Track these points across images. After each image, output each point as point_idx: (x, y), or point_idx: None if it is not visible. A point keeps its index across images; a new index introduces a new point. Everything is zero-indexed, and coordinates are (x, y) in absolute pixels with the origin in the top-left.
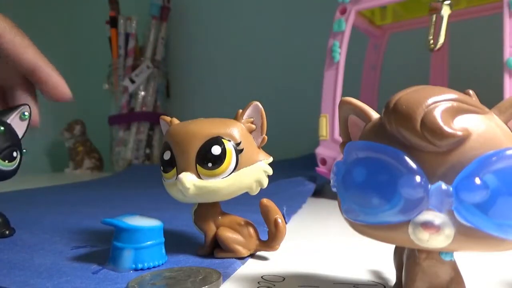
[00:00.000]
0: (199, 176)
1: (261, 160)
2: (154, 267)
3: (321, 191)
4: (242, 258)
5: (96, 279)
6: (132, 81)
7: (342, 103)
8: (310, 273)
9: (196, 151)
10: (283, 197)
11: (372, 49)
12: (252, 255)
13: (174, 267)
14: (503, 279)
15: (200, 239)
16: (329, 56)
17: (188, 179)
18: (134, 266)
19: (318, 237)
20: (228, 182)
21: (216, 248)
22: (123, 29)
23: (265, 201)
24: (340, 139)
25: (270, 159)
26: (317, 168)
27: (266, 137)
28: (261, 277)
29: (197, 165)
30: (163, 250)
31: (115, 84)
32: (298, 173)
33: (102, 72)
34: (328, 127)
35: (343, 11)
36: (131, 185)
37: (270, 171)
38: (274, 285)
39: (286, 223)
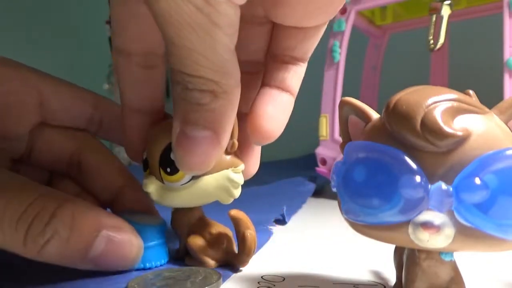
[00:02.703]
0: (162, 181)
1: (227, 168)
2: (156, 266)
3: (321, 191)
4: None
5: (96, 279)
6: None
7: (342, 103)
8: (310, 273)
9: (159, 154)
10: (283, 197)
11: (372, 49)
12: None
13: (173, 267)
14: (503, 279)
15: None
16: (329, 56)
17: (150, 183)
18: (142, 265)
19: (318, 237)
20: (186, 190)
21: (187, 254)
22: None
23: (233, 212)
24: (340, 139)
25: (240, 167)
26: (317, 168)
27: (236, 142)
28: (261, 277)
29: (160, 168)
30: (166, 249)
31: (115, 84)
32: (298, 173)
33: (102, 72)
34: (328, 127)
35: (343, 11)
36: None
37: (239, 180)
38: (274, 285)
39: (286, 223)
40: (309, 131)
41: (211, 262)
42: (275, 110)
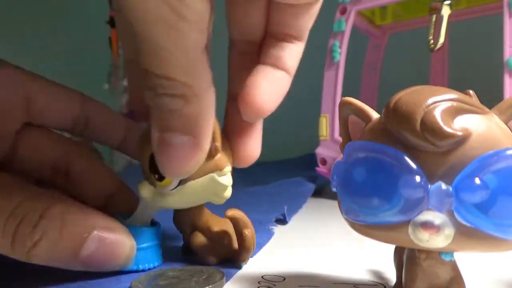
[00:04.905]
0: (155, 185)
1: (213, 172)
2: (149, 269)
3: (321, 191)
4: (211, 265)
5: (99, 278)
6: None
7: (342, 103)
8: (310, 273)
9: (148, 160)
10: (284, 197)
11: (372, 49)
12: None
13: (176, 267)
14: (503, 279)
15: None
16: (329, 56)
17: (143, 188)
18: (135, 267)
19: (318, 237)
20: (175, 195)
21: (191, 251)
22: None
23: (230, 213)
24: (340, 139)
25: (226, 169)
26: (317, 168)
27: (218, 145)
28: (262, 277)
29: (151, 174)
30: (160, 251)
31: (115, 84)
32: (298, 173)
33: (102, 72)
34: (328, 127)
35: (343, 11)
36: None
37: (226, 183)
38: (275, 285)
39: (286, 222)
40: (309, 131)
41: (213, 259)
42: (268, 84)
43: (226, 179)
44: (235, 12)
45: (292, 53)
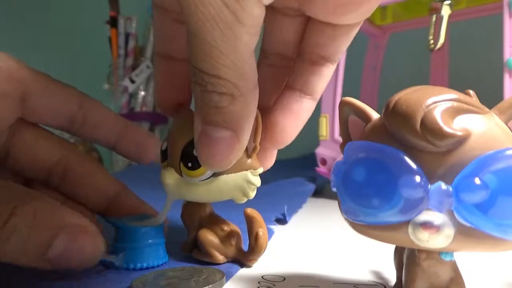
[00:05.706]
0: (181, 174)
1: (247, 170)
2: (153, 267)
3: (321, 191)
4: (218, 264)
5: (100, 278)
6: (132, 81)
7: (342, 103)
8: (310, 273)
9: (182, 148)
10: (283, 197)
11: (372, 49)
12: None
13: (177, 266)
14: (503, 279)
15: None
16: None
17: (169, 175)
18: (132, 266)
19: (318, 237)
20: (205, 186)
21: (195, 248)
22: (123, 29)
23: (249, 211)
24: (340, 139)
25: (260, 170)
26: (317, 168)
27: (258, 146)
28: (262, 277)
29: (181, 162)
30: (163, 250)
31: (115, 84)
32: (298, 173)
33: (102, 72)
34: (328, 127)
35: None
36: (131, 186)
37: (256, 183)
38: (275, 285)
39: (286, 222)
40: (309, 131)
41: (220, 257)
42: (291, 122)
43: (257, 179)
44: (271, 25)
45: (321, 78)
